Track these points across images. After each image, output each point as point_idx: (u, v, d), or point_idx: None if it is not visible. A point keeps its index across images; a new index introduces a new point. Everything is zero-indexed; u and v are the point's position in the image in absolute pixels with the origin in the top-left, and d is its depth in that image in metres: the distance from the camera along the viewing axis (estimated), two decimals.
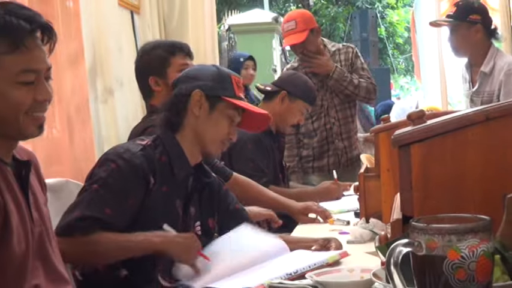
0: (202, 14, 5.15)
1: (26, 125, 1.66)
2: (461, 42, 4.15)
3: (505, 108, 1.39)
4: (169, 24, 4.84)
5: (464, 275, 0.92)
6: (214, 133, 2.46)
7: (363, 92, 4.68)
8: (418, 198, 1.36)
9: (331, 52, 4.64)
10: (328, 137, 4.50)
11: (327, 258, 2.20)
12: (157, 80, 3.12)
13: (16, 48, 1.60)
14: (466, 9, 4.12)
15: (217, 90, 2.44)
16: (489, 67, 4.02)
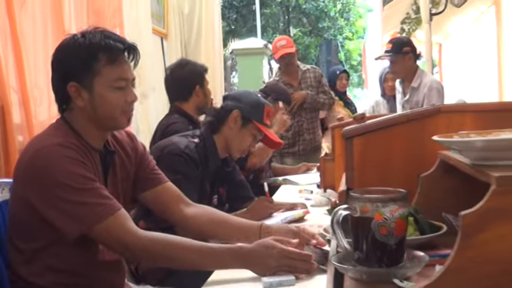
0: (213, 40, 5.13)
1: (120, 119, 1.63)
2: (399, 69, 4.19)
3: (421, 113, 1.39)
4: (188, 47, 4.83)
5: (386, 231, 0.91)
6: (239, 144, 2.45)
7: (325, 106, 4.75)
8: (357, 176, 1.36)
9: (303, 70, 4.59)
10: (299, 131, 4.53)
11: (294, 215, 2.20)
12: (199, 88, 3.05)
13: (113, 62, 1.58)
14: (399, 45, 4.17)
15: (251, 114, 2.41)
16: (417, 83, 4.07)
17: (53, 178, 1.48)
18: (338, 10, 18.83)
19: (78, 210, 1.47)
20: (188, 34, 4.78)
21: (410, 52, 4.16)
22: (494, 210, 0.76)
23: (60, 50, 1.63)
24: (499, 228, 0.76)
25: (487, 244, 0.76)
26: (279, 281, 1.50)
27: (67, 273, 1.58)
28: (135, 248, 1.52)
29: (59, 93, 1.64)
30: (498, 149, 0.86)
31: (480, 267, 0.76)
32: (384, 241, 0.93)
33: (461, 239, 0.77)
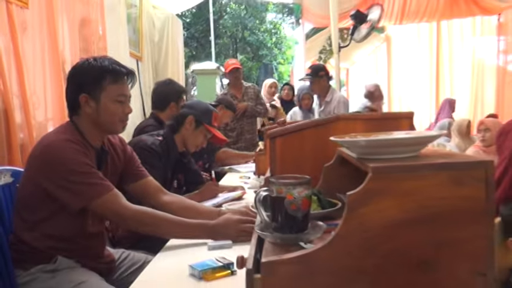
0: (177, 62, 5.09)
1: (117, 125, 1.67)
2: (316, 88, 4.27)
3: (325, 120, 1.41)
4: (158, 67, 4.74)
5: (295, 207, 0.91)
6: (193, 141, 2.44)
7: (261, 114, 4.75)
8: (278, 166, 1.37)
9: (245, 86, 4.58)
10: (241, 132, 4.50)
11: (234, 195, 2.20)
12: (174, 104, 2.97)
13: (117, 82, 1.63)
14: (316, 70, 4.25)
15: (202, 119, 2.41)
16: (329, 98, 4.16)
17: (62, 164, 1.50)
18: (273, 42, 18.98)
19: (81, 189, 1.51)
20: (158, 57, 4.71)
21: (324, 75, 4.24)
22: (371, 191, 0.77)
23: (77, 69, 1.65)
24: (374, 204, 0.77)
25: (365, 215, 0.77)
26: (219, 244, 1.50)
27: (61, 240, 1.58)
28: (126, 218, 1.56)
29: (71, 101, 1.65)
30: (375, 146, 0.88)
31: (360, 233, 0.78)
32: (293, 214, 0.93)
33: (347, 212, 0.78)
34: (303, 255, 0.79)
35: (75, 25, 2.97)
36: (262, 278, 0.79)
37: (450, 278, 0.77)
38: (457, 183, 0.76)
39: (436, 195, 0.76)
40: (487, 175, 0.75)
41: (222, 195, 2.30)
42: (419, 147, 0.88)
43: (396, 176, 0.77)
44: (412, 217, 0.77)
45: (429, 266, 0.77)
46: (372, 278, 0.78)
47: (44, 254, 1.56)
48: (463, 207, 0.76)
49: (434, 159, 0.79)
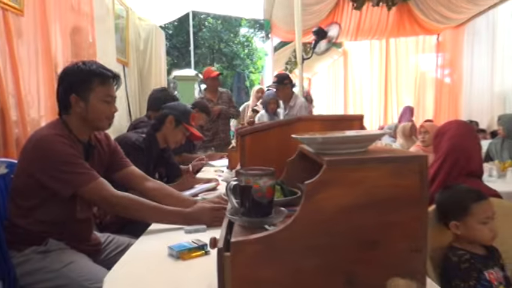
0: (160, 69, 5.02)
1: (104, 123, 1.65)
2: (281, 94, 4.29)
3: (288, 120, 1.41)
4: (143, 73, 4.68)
5: (261, 195, 0.92)
6: (173, 138, 2.44)
7: (234, 116, 4.79)
8: (247, 160, 1.37)
9: (220, 92, 4.57)
10: (216, 131, 4.49)
11: (209, 186, 2.19)
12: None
13: (104, 84, 1.61)
14: (281, 78, 4.25)
15: (181, 118, 2.40)
16: (293, 103, 4.18)
17: (53, 156, 1.48)
18: (246, 53, 18.98)
19: (71, 177, 1.49)
20: (143, 64, 4.64)
21: (288, 83, 4.26)
22: (325, 181, 0.79)
23: (67, 71, 1.62)
24: (328, 192, 0.79)
25: (320, 201, 0.79)
26: (195, 228, 1.49)
27: (52, 225, 1.56)
28: (112, 203, 1.54)
29: (62, 101, 1.62)
30: (330, 143, 0.90)
31: (316, 216, 0.79)
32: (259, 201, 0.93)
33: (305, 199, 0.79)
34: (266, 236, 0.80)
35: (67, 32, 2.91)
36: (231, 255, 0.79)
37: (391, 254, 0.80)
38: (398, 174, 0.79)
39: (381, 184, 0.79)
40: (421, 168, 0.78)
41: (198, 186, 2.29)
42: (367, 144, 0.90)
43: (347, 168, 0.79)
44: (360, 203, 0.79)
45: (374, 244, 0.80)
46: (326, 255, 0.80)
47: (36, 236, 1.53)
48: (402, 194, 0.79)
49: (379, 154, 0.82)
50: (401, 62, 9.02)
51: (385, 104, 9.11)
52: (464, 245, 1.48)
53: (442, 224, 1.56)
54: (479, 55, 7.42)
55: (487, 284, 1.37)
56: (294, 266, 0.80)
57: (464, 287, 1.37)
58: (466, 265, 1.39)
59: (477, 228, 1.44)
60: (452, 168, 1.70)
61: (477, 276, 1.38)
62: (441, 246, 1.55)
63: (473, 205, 1.46)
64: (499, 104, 6.94)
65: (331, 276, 0.80)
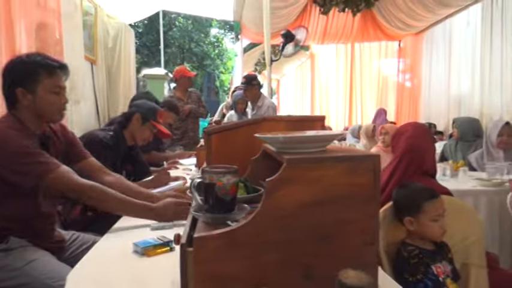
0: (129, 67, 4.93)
1: (56, 114, 1.59)
2: (249, 94, 4.32)
3: (254, 120, 1.43)
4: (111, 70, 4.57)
5: (224, 192, 0.93)
6: (141, 136, 2.39)
7: (203, 116, 4.74)
8: (214, 159, 1.37)
9: (189, 91, 4.55)
10: (186, 130, 4.45)
11: (176, 184, 2.18)
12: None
13: (51, 75, 1.55)
14: (249, 79, 4.30)
15: (148, 116, 2.36)
16: (261, 103, 4.22)
17: (10, 149, 1.43)
18: (216, 53, 18.90)
19: (32, 168, 1.44)
20: (111, 62, 4.54)
21: (256, 84, 4.29)
22: (285, 178, 0.82)
23: (10, 66, 1.55)
24: (288, 189, 0.82)
25: (280, 198, 0.81)
26: (161, 225, 1.49)
27: (14, 221, 1.51)
28: (78, 191, 1.49)
29: (8, 95, 1.55)
30: (290, 142, 0.92)
31: (276, 212, 0.82)
32: (222, 198, 0.94)
33: (265, 195, 0.82)
34: (228, 231, 0.81)
35: (33, 28, 2.80)
36: (194, 251, 0.80)
37: (346, 248, 0.83)
38: (353, 173, 0.82)
39: (337, 182, 0.82)
40: (374, 166, 0.82)
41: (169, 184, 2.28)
42: (326, 143, 0.93)
43: (305, 166, 0.82)
44: (318, 199, 0.82)
45: (330, 238, 0.83)
46: (285, 250, 0.82)
47: None
48: (357, 192, 0.82)
49: (336, 153, 0.85)
50: (365, 66, 9.26)
51: (349, 106, 9.32)
52: (416, 241, 1.54)
53: (398, 220, 1.63)
54: (437, 61, 7.73)
55: (434, 277, 1.44)
56: (255, 260, 0.82)
57: (412, 280, 1.43)
58: (414, 260, 1.46)
59: (428, 225, 1.50)
60: (407, 167, 1.76)
61: (424, 270, 1.44)
62: (396, 242, 1.61)
63: (425, 203, 1.52)
64: (455, 107, 7.25)
65: (290, 270, 0.83)
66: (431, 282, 1.43)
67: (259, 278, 0.82)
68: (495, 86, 6.10)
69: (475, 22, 6.59)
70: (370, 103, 9.30)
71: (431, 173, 1.82)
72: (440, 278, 1.46)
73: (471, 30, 6.70)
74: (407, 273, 1.46)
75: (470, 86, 6.75)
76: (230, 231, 0.81)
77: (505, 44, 5.88)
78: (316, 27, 7.83)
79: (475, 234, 1.65)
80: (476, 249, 1.64)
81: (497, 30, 6.03)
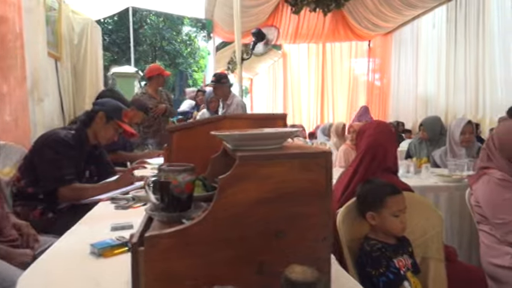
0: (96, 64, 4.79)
1: None
2: (218, 92, 4.30)
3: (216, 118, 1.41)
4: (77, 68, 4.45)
5: (179, 190, 0.92)
6: (104, 135, 2.30)
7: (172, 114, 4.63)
8: (175, 157, 1.35)
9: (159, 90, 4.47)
10: (158, 129, 4.38)
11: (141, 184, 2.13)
12: None
13: None
14: (219, 78, 4.29)
15: (112, 115, 2.28)
16: (230, 101, 4.23)
17: None
18: (188, 52, 18.69)
19: None
20: (77, 59, 4.42)
21: (226, 82, 4.28)
22: (237, 175, 0.81)
23: None
24: (240, 186, 0.81)
25: (233, 195, 0.81)
26: (121, 225, 1.46)
27: None
28: None
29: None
30: (245, 139, 0.91)
31: (229, 209, 0.81)
32: (178, 196, 0.92)
33: (218, 193, 0.81)
34: (179, 229, 0.80)
35: None
36: (145, 250, 0.79)
37: (299, 244, 0.84)
38: (305, 169, 0.82)
39: (289, 179, 0.82)
40: (326, 163, 0.83)
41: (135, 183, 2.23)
42: (281, 141, 0.93)
43: (258, 163, 0.81)
44: (271, 196, 0.82)
45: (283, 234, 0.83)
46: (238, 246, 0.82)
47: None
48: (310, 188, 0.83)
49: (289, 150, 0.85)
50: (337, 66, 9.41)
51: (321, 105, 9.45)
52: (379, 235, 1.57)
53: (361, 216, 1.66)
54: (405, 61, 7.93)
55: (396, 270, 1.48)
56: (207, 258, 0.81)
57: (375, 274, 1.47)
58: (377, 254, 1.49)
59: (389, 220, 1.54)
60: (370, 164, 1.80)
61: (386, 263, 1.48)
62: (360, 237, 1.65)
63: (388, 198, 1.56)
64: (422, 106, 7.47)
65: (243, 267, 0.82)
66: (393, 275, 1.47)
67: (212, 276, 0.81)
68: (459, 86, 6.32)
69: (440, 24, 6.80)
70: (342, 102, 9.45)
71: (393, 170, 1.86)
72: (401, 271, 1.50)
73: (437, 31, 6.92)
74: (370, 267, 1.49)
75: (436, 85, 6.96)
76: (182, 230, 0.80)
77: (468, 45, 6.10)
78: (288, 27, 7.89)
79: (434, 229, 1.70)
80: (435, 244, 1.69)
81: (461, 32, 6.25)
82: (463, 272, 1.79)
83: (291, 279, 0.60)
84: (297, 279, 0.60)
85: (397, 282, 1.47)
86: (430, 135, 3.58)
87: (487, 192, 1.93)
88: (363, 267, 1.52)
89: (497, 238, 1.89)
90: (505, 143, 1.96)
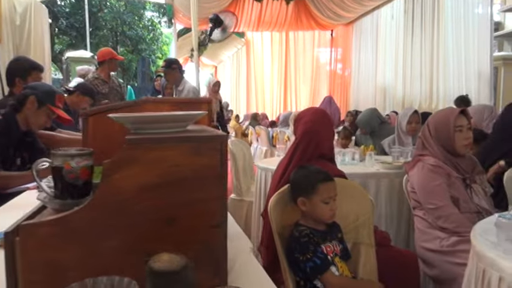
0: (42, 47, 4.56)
1: None
2: (170, 78, 4.21)
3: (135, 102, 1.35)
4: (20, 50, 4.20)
5: (73, 176, 0.86)
6: (36, 120, 2.16)
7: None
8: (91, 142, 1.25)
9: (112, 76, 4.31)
10: None
11: None
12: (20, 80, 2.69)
13: None
14: (169, 63, 4.17)
15: (44, 99, 2.14)
16: (182, 87, 4.10)
17: None
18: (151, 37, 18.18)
19: None
20: (20, 40, 4.18)
21: (177, 68, 4.18)
22: (124, 159, 0.76)
23: None
24: (127, 171, 0.76)
25: (119, 181, 0.76)
26: None
27: None
28: None
29: None
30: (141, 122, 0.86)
31: (115, 196, 0.76)
32: (72, 183, 0.87)
33: (102, 178, 0.76)
34: (60, 217, 0.75)
35: None
36: (20, 240, 0.73)
37: (192, 230, 0.80)
38: (198, 153, 0.79)
39: (180, 163, 0.78)
40: (221, 147, 0.80)
41: None
42: (183, 124, 0.89)
43: (146, 146, 0.77)
44: (160, 182, 0.78)
45: (174, 221, 0.79)
46: (126, 235, 0.78)
47: None
48: (202, 172, 0.79)
49: (181, 134, 0.81)
50: (300, 54, 9.44)
51: (284, 93, 9.47)
52: (309, 222, 1.57)
53: (294, 203, 1.65)
54: (365, 51, 8.05)
55: (323, 255, 1.48)
56: (92, 247, 0.76)
57: (302, 259, 1.47)
58: (305, 239, 1.49)
59: (319, 206, 1.54)
60: (305, 150, 1.79)
61: (314, 249, 1.48)
62: (291, 224, 1.64)
63: (319, 184, 1.55)
64: (380, 95, 7.62)
65: (132, 256, 0.78)
66: (319, 260, 1.47)
67: (98, 266, 0.76)
68: (415, 76, 6.48)
69: (398, 15, 6.93)
70: (304, 91, 9.50)
71: (329, 156, 1.87)
72: (329, 257, 1.51)
73: (395, 23, 7.04)
74: (298, 252, 1.49)
75: (394, 75, 7.11)
76: (62, 218, 0.75)
77: (424, 37, 6.25)
78: (251, 14, 7.81)
79: (365, 215, 1.72)
80: (365, 229, 1.71)
81: (417, 24, 6.38)
82: (396, 257, 1.83)
83: (153, 269, 0.57)
84: (159, 269, 0.57)
85: (324, 267, 1.48)
86: (368, 130, 3.67)
87: (420, 178, 1.97)
88: (292, 252, 1.52)
89: (429, 223, 1.94)
90: (440, 130, 2.01)
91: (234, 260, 1.00)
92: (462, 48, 5.49)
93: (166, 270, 0.56)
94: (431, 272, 1.90)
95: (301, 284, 1.53)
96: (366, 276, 1.65)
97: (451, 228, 1.83)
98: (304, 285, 1.52)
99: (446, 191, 1.89)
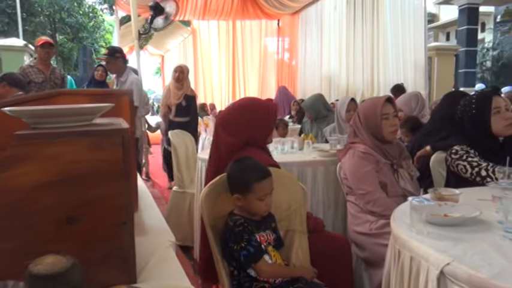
0: None
1: None
2: (112, 68, 4.02)
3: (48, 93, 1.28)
4: None
5: None
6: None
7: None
8: None
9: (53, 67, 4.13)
10: None
11: None
12: None
13: None
14: (112, 51, 4.01)
15: None
16: (124, 78, 3.96)
17: None
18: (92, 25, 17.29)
19: None
20: None
21: (120, 57, 4.02)
22: (14, 157, 0.72)
23: None
24: (18, 169, 0.72)
25: (9, 180, 0.72)
26: None
27: None
28: None
29: None
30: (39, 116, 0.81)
31: (6, 195, 0.72)
32: None
33: None
34: None
35: None
36: None
37: (96, 229, 0.77)
38: (97, 148, 0.76)
39: (79, 159, 0.75)
40: (123, 140, 0.77)
41: None
42: (88, 117, 0.85)
43: (40, 142, 0.73)
44: (57, 179, 0.74)
45: (75, 220, 0.76)
46: (21, 236, 0.73)
47: None
48: (104, 168, 0.76)
49: (78, 128, 0.78)
50: (247, 44, 9.41)
51: (233, 83, 9.43)
52: (243, 212, 1.57)
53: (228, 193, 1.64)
54: (311, 41, 8.18)
55: (257, 244, 1.50)
56: None
57: (236, 248, 1.47)
58: (239, 229, 1.49)
59: (255, 203, 1.54)
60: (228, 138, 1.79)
61: (248, 238, 1.49)
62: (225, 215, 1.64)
63: (255, 184, 1.55)
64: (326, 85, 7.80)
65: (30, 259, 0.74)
66: (253, 249, 1.48)
67: None
68: (358, 66, 6.69)
69: (341, 6, 7.09)
70: (253, 80, 9.52)
71: (261, 145, 1.87)
72: (262, 246, 1.53)
73: (338, 13, 7.21)
74: (232, 242, 1.49)
75: (338, 65, 7.30)
76: None
77: (365, 28, 6.45)
78: (196, 2, 7.66)
79: (298, 202, 1.75)
80: (298, 216, 1.74)
81: (359, 15, 6.57)
82: (328, 242, 1.88)
83: (32, 273, 0.54)
84: (38, 272, 0.54)
85: (258, 256, 1.49)
86: (313, 115, 3.74)
87: (351, 164, 2.04)
88: (226, 242, 1.52)
89: (360, 207, 2.02)
90: (369, 118, 2.08)
91: (152, 254, 0.98)
92: (400, 39, 5.72)
93: (46, 274, 0.53)
94: (362, 254, 1.99)
95: (234, 273, 1.54)
96: (298, 263, 1.68)
97: (379, 211, 1.91)
98: (237, 274, 1.53)
99: (375, 176, 1.97)
